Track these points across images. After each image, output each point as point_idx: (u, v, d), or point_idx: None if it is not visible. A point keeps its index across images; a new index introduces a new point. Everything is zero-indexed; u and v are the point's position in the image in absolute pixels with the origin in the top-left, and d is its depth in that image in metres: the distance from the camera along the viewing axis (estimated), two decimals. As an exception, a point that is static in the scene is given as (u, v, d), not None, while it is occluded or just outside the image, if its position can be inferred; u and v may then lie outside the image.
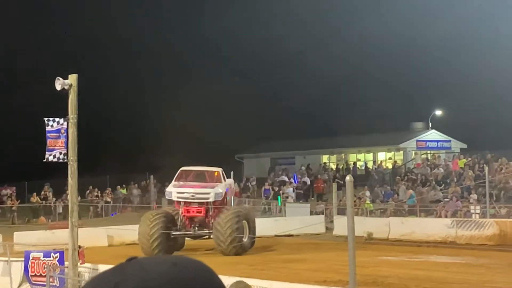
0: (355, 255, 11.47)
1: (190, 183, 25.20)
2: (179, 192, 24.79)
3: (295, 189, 42.05)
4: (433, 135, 49.92)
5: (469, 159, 40.45)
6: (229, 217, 23.81)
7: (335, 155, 52.48)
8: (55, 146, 15.38)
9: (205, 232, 24.91)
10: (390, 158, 50.06)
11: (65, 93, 15.12)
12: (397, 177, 40.83)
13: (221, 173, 26.20)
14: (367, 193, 37.70)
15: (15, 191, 42.64)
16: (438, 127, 50.46)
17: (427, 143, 49.31)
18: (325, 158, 52.49)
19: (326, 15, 65.88)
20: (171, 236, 24.32)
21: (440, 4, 61.75)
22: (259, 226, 26.96)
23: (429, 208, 33.87)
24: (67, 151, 15.31)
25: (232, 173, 29.55)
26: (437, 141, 49.75)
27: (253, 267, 20.48)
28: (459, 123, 50.92)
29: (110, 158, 45.29)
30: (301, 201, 40.52)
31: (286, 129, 59.93)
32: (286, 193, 40.54)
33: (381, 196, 38.13)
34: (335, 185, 33.92)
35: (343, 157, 51.83)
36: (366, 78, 62.69)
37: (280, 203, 38.60)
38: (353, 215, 12.28)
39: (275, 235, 28.52)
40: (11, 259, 19.09)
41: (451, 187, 35.06)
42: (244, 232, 24.27)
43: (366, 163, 50.03)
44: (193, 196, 24.62)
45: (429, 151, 47.92)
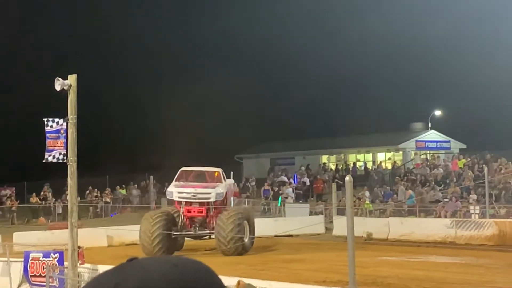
0: (354, 255, 11.47)
1: (191, 183, 25.18)
2: (180, 192, 24.76)
3: (294, 190, 42.04)
4: (432, 135, 49.90)
5: (469, 159, 40.45)
6: (231, 217, 23.80)
7: (334, 156, 52.47)
8: (55, 146, 15.37)
9: (206, 232, 24.89)
10: (389, 159, 50.05)
11: (64, 93, 15.10)
12: (396, 177, 40.82)
13: (221, 174, 26.20)
14: (367, 193, 37.69)
15: (14, 192, 42.61)
16: (438, 128, 50.45)
17: (427, 143, 49.29)
18: (324, 159, 52.47)
19: (326, 15, 65.86)
20: (172, 236, 24.31)
21: (440, 4, 61.76)
22: (259, 227, 26.97)
23: (429, 209, 33.86)
24: (67, 151, 15.30)
25: (232, 173, 29.55)
26: (437, 141, 49.73)
27: (252, 267, 20.48)
28: (459, 124, 50.93)
29: (110, 159, 45.27)
30: (300, 201, 40.49)
31: (286, 129, 59.90)
32: (286, 193, 40.52)
33: (381, 197, 38.13)
34: (334, 185, 33.81)
35: (343, 157, 51.81)
36: (366, 78, 62.66)
37: (280, 204, 38.56)
38: (353, 215, 12.29)
39: (275, 235, 28.53)
40: (11, 259, 19.09)
41: (451, 187, 35.06)
42: (245, 232, 24.27)
43: (365, 163, 50.01)
44: (194, 196, 24.59)
45: (428, 152, 47.89)
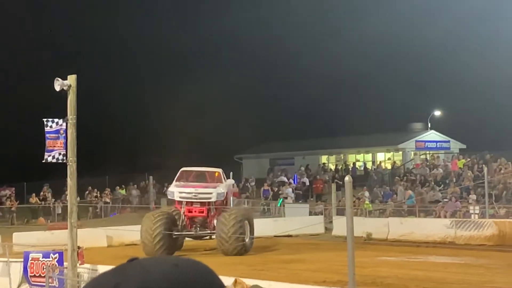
0: (354, 256, 11.47)
1: (192, 183, 25.17)
2: (181, 192, 24.75)
3: (294, 190, 42.03)
4: (432, 135, 49.91)
5: (468, 159, 40.43)
6: (232, 217, 23.79)
7: (334, 156, 52.48)
8: (54, 146, 15.35)
9: (207, 233, 24.86)
10: (389, 159, 50.06)
11: (64, 93, 15.09)
12: (396, 177, 40.82)
13: (222, 174, 26.20)
14: (366, 193, 37.69)
15: (14, 192, 42.59)
16: (437, 128, 50.47)
17: (426, 143, 49.29)
18: (324, 159, 52.48)
19: (326, 15, 65.91)
20: (173, 237, 24.30)
21: (440, 4, 61.76)
22: (259, 227, 26.97)
23: (428, 209, 33.86)
24: (66, 151, 15.28)
25: (231, 173, 29.54)
26: (436, 141, 49.74)
27: (252, 267, 20.46)
28: (458, 124, 50.93)
29: (109, 159, 45.28)
30: (300, 201, 40.48)
31: (285, 129, 59.90)
32: (286, 194, 40.51)
33: (380, 197, 38.13)
34: (334, 185, 33.54)
35: (342, 157, 51.81)
36: (366, 78, 62.68)
37: (280, 205, 38.51)
38: (352, 215, 12.29)
39: (274, 236, 28.53)
40: (10, 259, 19.08)
41: (450, 187, 35.06)
42: (246, 233, 24.26)
43: (365, 163, 50.01)
44: (195, 196, 24.57)
45: (428, 152, 47.90)
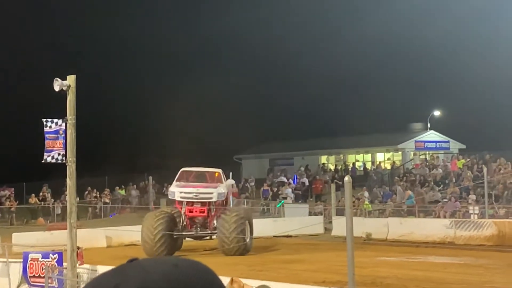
0: (353, 256, 11.46)
1: (192, 183, 25.18)
2: (182, 192, 24.74)
3: (293, 190, 42.02)
4: (431, 135, 49.92)
5: (468, 159, 40.42)
6: (233, 217, 23.79)
7: (333, 156, 52.48)
8: (54, 147, 15.34)
9: (207, 233, 24.85)
10: (388, 159, 50.06)
11: (63, 94, 15.08)
12: (395, 177, 40.82)
13: (222, 174, 26.21)
14: (366, 193, 37.69)
15: (13, 192, 42.56)
16: (437, 128, 50.48)
17: (426, 143, 49.30)
18: (323, 159, 52.47)
19: (326, 15, 65.94)
20: (174, 237, 24.30)
21: (440, 4, 61.79)
22: (258, 227, 26.98)
23: (428, 209, 33.87)
24: (66, 152, 15.27)
25: (231, 173, 29.55)
26: (436, 141, 49.75)
27: (251, 267, 20.45)
28: (458, 124, 50.94)
29: (109, 159, 45.29)
30: (299, 201, 40.47)
31: (285, 129, 59.93)
32: (285, 194, 40.51)
33: (380, 197, 38.14)
34: (333, 185, 33.82)
35: (342, 157, 51.81)
36: (365, 78, 62.72)
37: (280, 205, 38.49)
38: (352, 215, 12.28)
39: (274, 236, 28.53)
40: (10, 260, 19.06)
41: (450, 187, 35.06)
42: (246, 233, 24.26)
43: (364, 163, 50.01)
44: (196, 196, 24.56)
45: (427, 152, 47.90)
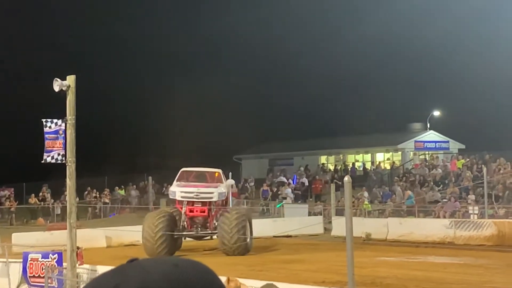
0: (353, 256, 11.45)
1: (193, 183, 25.19)
2: (183, 191, 24.74)
3: (293, 190, 42.01)
4: (431, 135, 49.92)
5: (467, 159, 40.42)
6: (234, 217, 23.79)
7: (333, 156, 52.47)
8: (53, 147, 15.33)
9: (208, 233, 24.84)
10: (388, 159, 50.07)
11: (63, 94, 15.07)
12: (395, 177, 40.83)
13: (222, 174, 26.22)
14: (365, 193, 37.69)
15: (13, 192, 42.57)
16: (436, 128, 50.48)
17: (425, 143, 49.31)
18: (323, 159, 52.47)
19: (326, 15, 65.95)
20: (175, 237, 24.30)
21: (440, 4, 61.80)
22: (258, 227, 26.97)
23: (428, 209, 33.87)
24: (65, 152, 15.27)
25: (230, 174, 29.56)
26: (435, 141, 49.75)
27: (251, 267, 20.44)
28: (458, 124, 50.95)
29: (108, 159, 45.28)
30: (299, 202, 40.47)
31: (285, 130, 59.92)
32: (285, 194, 40.51)
33: (379, 197, 38.13)
34: (333, 186, 33.88)
35: (342, 157, 51.81)
36: (365, 78, 62.73)
37: (279, 206, 38.49)
38: (352, 215, 12.28)
39: (274, 236, 28.52)
40: (9, 260, 19.06)
41: (450, 187, 35.06)
42: (247, 233, 24.26)
43: (364, 163, 50.01)
44: (197, 195, 24.55)
45: (427, 152, 47.90)
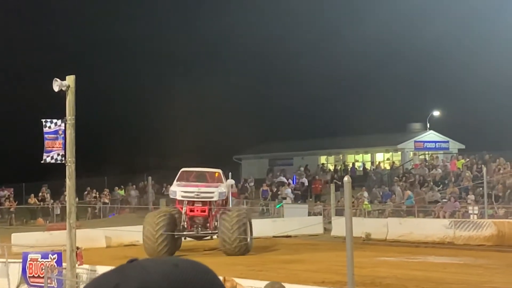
0: (353, 256, 11.44)
1: (193, 182, 25.19)
2: (183, 191, 24.74)
3: (293, 190, 42.01)
4: (431, 135, 49.93)
5: (467, 159, 40.42)
6: (235, 217, 23.79)
7: (333, 156, 52.48)
8: (53, 147, 15.33)
9: (208, 233, 24.83)
10: (388, 159, 50.07)
11: (63, 94, 15.07)
12: (395, 177, 40.83)
13: (222, 174, 26.22)
14: (365, 194, 37.68)
15: (13, 193, 42.57)
16: (436, 128, 50.49)
17: (425, 143, 49.31)
18: (323, 159, 52.48)
19: (326, 15, 65.95)
20: (175, 237, 24.29)
21: (440, 4, 61.82)
22: (258, 227, 26.97)
23: (427, 209, 33.87)
24: (65, 152, 15.26)
25: (230, 174, 29.56)
26: (435, 141, 49.76)
27: (251, 268, 20.44)
28: (457, 124, 50.97)
29: (108, 159, 45.29)
30: (299, 202, 40.47)
31: (284, 130, 59.97)
32: (285, 194, 40.52)
33: (379, 197, 38.13)
34: (333, 186, 33.90)
35: (341, 158, 51.82)
36: (365, 78, 62.76)
37: (279, 207, 38.48)
38: (351, 216, 12.27)
39: (273, 236, 28.52)
40: (9, 260, 19.05)
41: (449, 187, 35.06)
42: (247, 232, 24.26)
43: (364, 164, 50.02)
44: (198, 195, 24.55)
45: (427, 152, 47.90)
